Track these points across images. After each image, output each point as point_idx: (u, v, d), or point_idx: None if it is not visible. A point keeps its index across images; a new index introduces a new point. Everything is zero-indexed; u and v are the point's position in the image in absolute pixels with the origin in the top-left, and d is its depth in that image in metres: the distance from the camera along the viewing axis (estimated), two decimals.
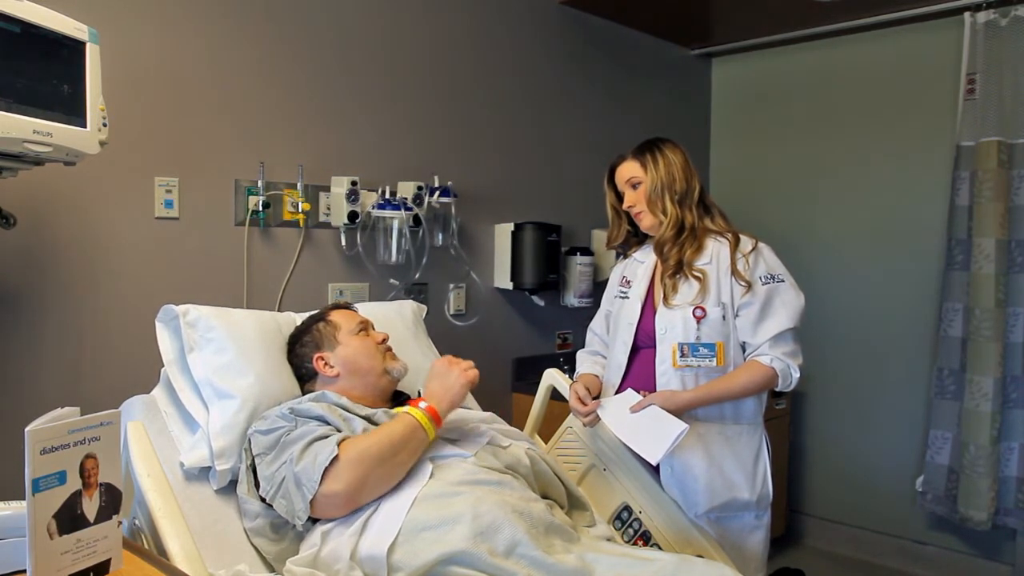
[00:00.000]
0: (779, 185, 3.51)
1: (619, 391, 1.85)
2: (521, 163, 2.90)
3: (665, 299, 1.81)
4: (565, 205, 3.03)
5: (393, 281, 2.47)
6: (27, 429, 0.96)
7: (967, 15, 2.85)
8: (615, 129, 3.21)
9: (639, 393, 1.77)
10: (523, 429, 2.00)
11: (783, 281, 1.79)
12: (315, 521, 1.45)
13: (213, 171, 2.10)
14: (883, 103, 3.21)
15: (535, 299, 2.86)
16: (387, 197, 2.34)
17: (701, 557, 1.58)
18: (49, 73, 1.33)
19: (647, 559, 1.38)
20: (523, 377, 2.85)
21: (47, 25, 1.31)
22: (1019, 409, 2.80)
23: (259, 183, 2.15)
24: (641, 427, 1.70)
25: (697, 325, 1.77)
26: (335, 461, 1.40)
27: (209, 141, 2.09)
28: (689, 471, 1.78)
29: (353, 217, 2.29)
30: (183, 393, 1.62)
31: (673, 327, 1.78)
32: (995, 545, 2.96)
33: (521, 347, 2.92)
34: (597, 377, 1.96)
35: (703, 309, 1.77)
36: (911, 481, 3.07)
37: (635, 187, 1.87)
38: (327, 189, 2.31)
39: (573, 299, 2.95)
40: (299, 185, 2.22)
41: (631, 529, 1.83)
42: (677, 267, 1.81)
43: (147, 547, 1.39)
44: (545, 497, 1.59)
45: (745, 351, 1.80)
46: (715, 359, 1.76)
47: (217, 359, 1.62)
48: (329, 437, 1.45)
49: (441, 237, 2.58)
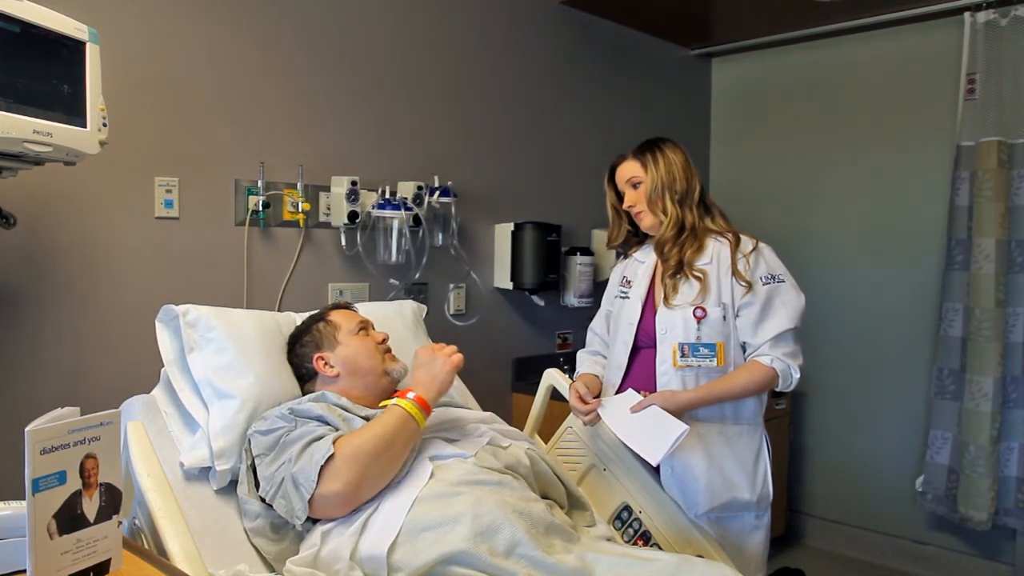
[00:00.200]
0: (779, 185, 3.51)
1: (620, 391, 1.85)
2: (521, 163, 2.90)
3: (666, 299, 1.81)
4: (565, 205, 3.03)
5: (393, 281, 2.47)
6: (27, 429, 0.96)
7: (967, 15, 2.85)
8: (615, 129, 3.21)
9: (640, 393, 1.77)
10: (523, 429, 2.00)
11: (783, 281, 1.79)
12: (315, 521, 1.45)
13: (213, 171, 2.10)
14: (883, 103, 3.21)
15: (535, 299, 2.86)
16: (387, 197, 2.34)
17: (701, 557, 1.58)
18: (49, 73, 1.33)
19: (647, 559, 1.38)
20: (523, 377, 2.85)
21: (47, 25, 1.31)
22: (1019, 409, 2.80)
23: (259, 183, 2.15)
24: (641, 428, 1.70)
25: (697, 325, 1.76)
26: (331, 459, 1.40)
27: (209, 141, 2.09)
28: (689, 471, 1.78)
29: (353, 217, 2.29)
30: (183, 393, 1.62)
31: (673, 327, 1.78)
32: (995, 545, 2.96)
33: (521, 347, 2.92)
34: (597, 377, 1.96)
35: (703, 309, 1.77)
36: (911, 481, 3.07)
37: (635, 187, 1.87)
38: (327, 189, 2.31)
39: (573, 299, 2.96)
40: (299, 185, 2.22)
41: (631, 529, 1.83)
42: (677, 267, 1.81)
43: (147, 547, 1.39)
44: (545, 497, 1.58)
45: (745, 351, 1.80)
46: (715, 359, 1.76)
47: (217, 359, 1.62)
48: (326, 437, 1.45)
49: (441, 237, 2.58)
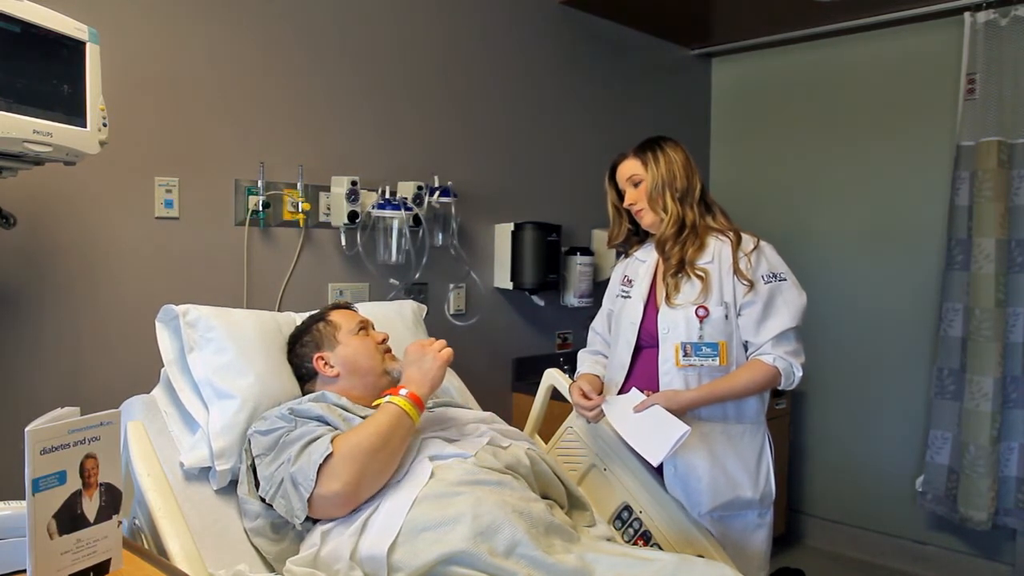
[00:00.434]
0: (779, 185, 3.51)
1: (623, 390, 1.85)
2: (521, 163, 2.90)
3: (667, 298, 1.81)
4: (565, 205, 3.03)
5: (393, 281, 2.47)
6: (27, 429, 0.96)
7: (967, 15, 2.85)
8: (615, 129, 3.21)
9: (643, 393, 1.77)
10: (523, 429, 2.00)
11: (785, 280, 1.79)
12: (315, 521, 1.45)
13: (213, 171, 2.10)
14: (883, 103, 3.21)
15: (535, 299, 2.86)
16: (387, 197, 2.34)
17: (701, 557, 1.58)
18: (49, 73, 1.33)
19: (647, 559, 1.37)
20: (523, 377, 2.85)
21: (47, 25, 1.31)
22: (1019, 409, 2.80)
23: (259, 183, 2.15)
24: (644, 428, 1.70)
25: (700, 324, 1.76)
26: (329, 459, 1.40)
27: (209, 141, 2.09)
28: (693, 471, 1.78)
29: (353, 217, 2.29)
30: (183, 393, 1.62)
31: (676, 327, 1.78)
32: (995, 545, 2.96)
33: (521, 347, 2.92)
34: (598, 377, 1.96)
35: (706, 308, 1.77)
36: (911, 481, 3.07)
37: (636, 185, 1.87)
38: (327, 189, 2.31)
39: (573, 299, 2.95)
40: (299, 185, 2.22)
41: (631, 529, 1.83)
42: (679, 266, 1.81)
43: (147, 547, 1.39)
44: (545, 497, 1.58)
45: (747, 350, 1.80)
46: (718, 358, 1.76)
47: (217, 359, 1.62)
48: (324, 436, 1.45)
49: (441, 237, 2.58)
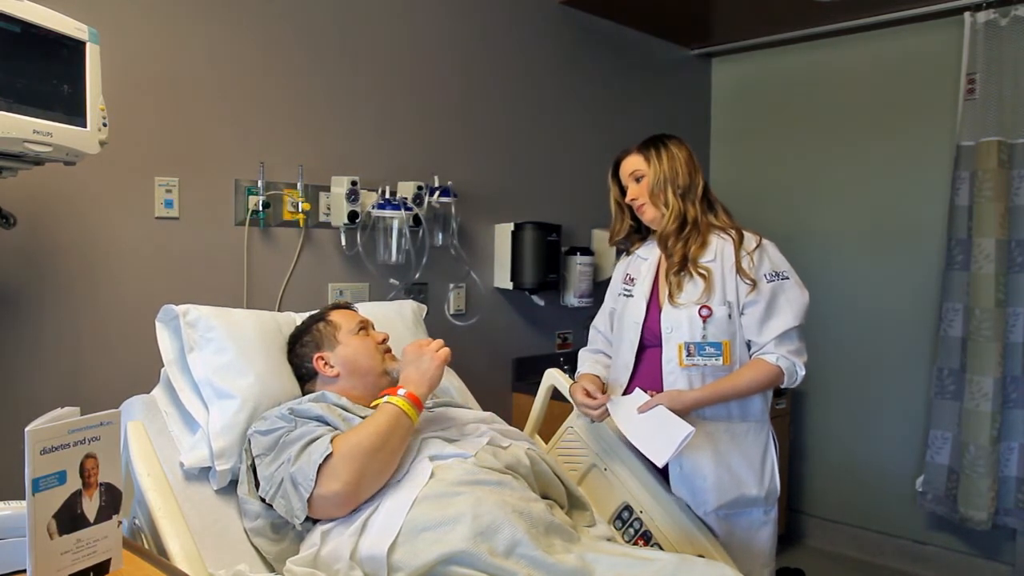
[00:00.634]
0: (779, 185, 3.51)
1: (627, 390, 1.85)
2: (521, 163, 2.90)
3: (670, 296, 1.81)
4: (565, 205, 3.03)
5: (393, 281, 2.47)
6: (27, 429, 0.96)
7: (967, 15, 2.85)
8: (615, 129, 3.21)
9: (646, 393, 1.77)
10: (523, 429, 2.00)
11: (788, 278, 1.80)
12: (315, 521, 1.45)
13: (213, 171, 2.10)
14: (883, 103, 3.21)
15: (535, 299, 2.86)
16: (387, 197, 2.34)
17: (702, 557, 1.58)
18: (49, 73, 1.33)
19: (647, 559, 1.37)
20: (523, 377, 2.85)
21: (47, 25, 1.31)
22: (1019, 409, 2.80)
23: (259, 183, 2.15)
24: (648, 428, 1.71)
25: (703, 324, 1.76)
26: (329, 459, 1.40)
27: (209, 141, 2.09)
28: (698, 470, 1.79)
29: (353, 217, 2.29)
30: (183, 393, 1.62)
31: (679, 326, 1.78)
32: (995, 545, 2.96)
33: (521, 347, 2.92)
34: (598, 377, 1.95)
35: (709, 308, 1.77)
36: (911, 481, 3.07)
37: (638, 180, 1.87)
38: (327, 189, 2.31)
39: (573, 299, 2.95)
40: (299, 185, 2.22)
41: (631, 529, 1.83)
42: (681, 263, 1.81)
43: (147, 547, 1.39)
44: (545, 497, 1.58)
45: (750, 349, 1.80)
46: (721, 358, 1.76)
47: (217, 359, 1.62)
48: (324, 436, 1.45)
49: (441, 237, 2.58)
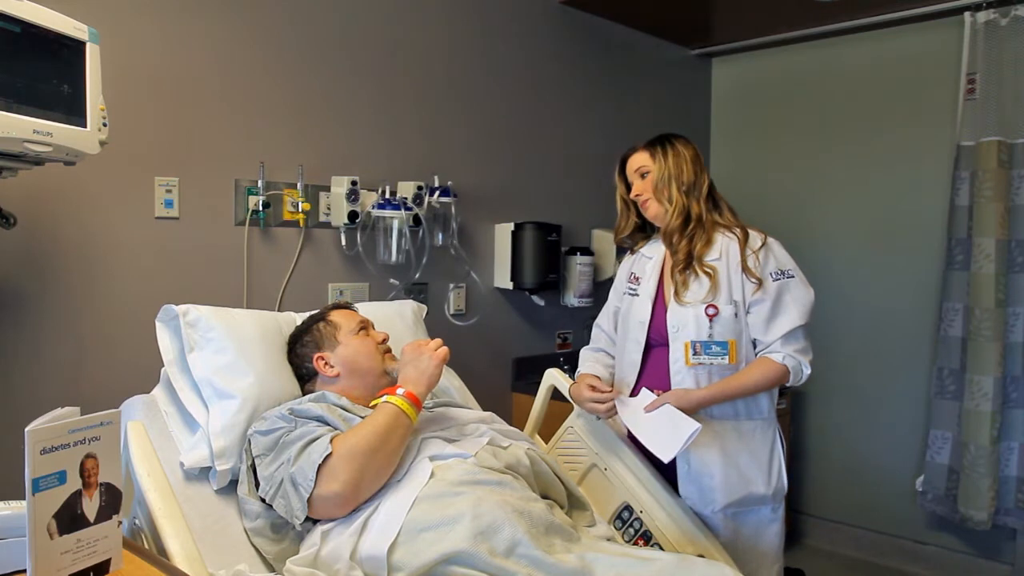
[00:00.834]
0: (779, 185, 3.51)
1: (635, 389, 1.85)
2: (521, 163, 2.90)
3: (676, 294, 1.82)
4: (565, 205, 3.03)
5: (393, 281, 2.47)
6: (27, 429, 0.96)
7: (967, 15, 2.85)
8: (615, 129, 3.21)
9: (653, 392, 1.78)
10: (523, 429, 2.00)
11: (793, 277, 1.80)
12: (315, 521, 1.45)
13: (213, 171, 2.10)
14: (883, 103, 3.21)
15: (535, 299, 2.86)
16: (387, 197, 2.34)
17: (702, 557, 1.58)
18: (49, 73, 1.33)
19: (647, 559, 1.37)
20: (523, 377, 2.85)
21: (47, 25, 1.31)
22: (1019, 409, 2.80)
23: (259, 183, 2.15)
24: (655, 426, 1.71)
25: (709, 323, 1.77)
26: (328, 459, 1.40)
27: (209, 141, 2.09)
28: (705, 468, 1.79)
29: (353, 217, 2.29)
30: (183, 393, 1.62)
31: (685, 325, 1.79)
32: (995, 545, 2.96)
33: (521, 347, 2.92)
34: (598, 378, 1.95)
35: (715, 307, 1.77)
36: (911, 481, 3.07)
37: (643, 176, 1.88)
38: (327, 189, 2.31)
39: (573, 299, 2.95)
40: (299, 185, 2.22)
41: (632, 529, 1.83)
42: (687, 261, 1.81)
43: (147, 547, 1.39)
44: (545, 497, 1.58)
45: (756, 347, 1.81)
46: (727, 357, 1.77)
47: (217, 359, 1.62)
48: (323, 436, 1.45)
49: (441, 237, 2.58)
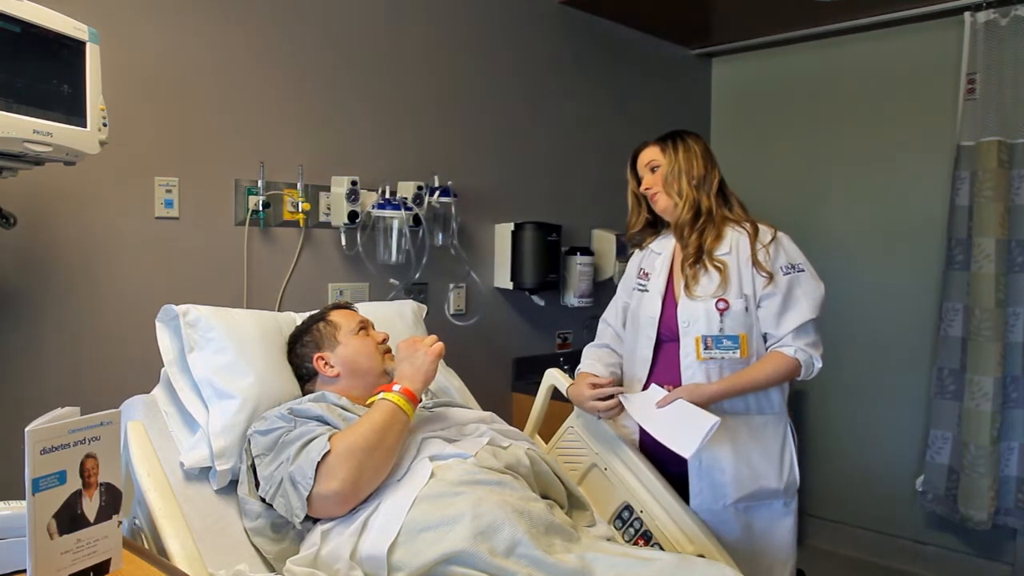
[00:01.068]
0: (778, 185, 3.51)
1: (646, 386, 1.85)
2: (521, 163, 2.90)
3: (686, 289, 1.82)
4: (565, 205, 3.03)
5: (393, 281, 2.47)
6: (27, 429, 0.96)
7: (967, 15, 2.85)
8: (615, 129, 3.21)
9: (663, 388, 1.78)
10: (523, 429, 2.00)
11: (803, 271, 1.81)
12: (315, 520, 1.45)
13: (213, 171, 2.10)
14: (883, 103, 3.21)
15: (535, 299, 2.86)
16: (387, 197, 2.34)
17: (702, 557, 1.58)
18: (49, 73, 1.33)
19: (647, 559, 1.37)
20: (523, 377, 2.85)
21: (47, 25, 1.31)
22: (1019, 409, 2.80)
23: (259, 183, 2.15)
24: (671, 422, 1.71)
25: (720, 317, 1.77)
26: (327, 457, 1.40)
27: (209, 141, 2.09)
28: (717, 463, 1.80)
29: (353, 217, 2.29)
30: (183, 393, 1.62)
31: (696, 320, 1.79)
32: (995, 545, 2.96)
33: (521, 347, 2.92)
34: (597, 377, 1.96)
35: (726, 301, 1.77)
36: (911, 481, 3.07)
37: (653, 171, 1.89)
38: (327, 189, 2.31)
39: (573, 299, 2.95)
40: (299, 185, 2.22)
41: (632, 529, 1.83)
42: (697, 255, 1.82)
43: (147, 547, 1.39)
44: (545, 497, 1.58)
45: (767, 341, 1.81)
46: (739, 351, 1.77)
47: (217, 359, 1.62)
48: (322, 435, 1.45)
49: (441, 237, 2.58)
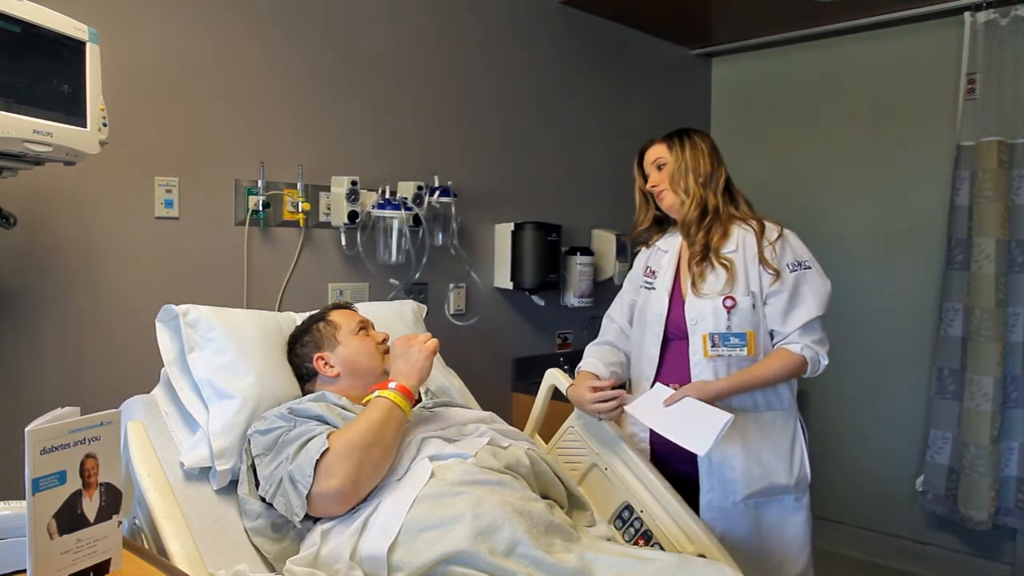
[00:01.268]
0: (778, 185, 3.50)
1: (653, 384, 1.86)
2: (521, 163, 2.90)
3: (693, 286, 1.82)
4: (565, 205, 3.03)
5: (393, 281, 2.47)
6: (27, 429, 0.96)
7: (967, 15, 2.85)
8: (615, 129, 3.21)
9: (669, 387, 1.78)
10: (523, 429, 2.00)
11: (810, 268, 1.82)
12: (315, 520, 1.45)
13: (213, 171, 2.10)
14: (883, 103, 3.21)
15: (535, 299, 2.86)
16: (387, 197, 2.34)
17: (702, 557, 1.58)
18: (49, 73, 1.33)
19: (647, 559, 1.37)
20: (523, 377, 2.85)
21: (47, 25, 1.31)
22: (1019, 409, 2.80)
23: (259, 183, 2.15)
24: (682, 420, 1.70)
25: (728, 315, 1.78)
26: (326, 455, 1.40)
27: (209, 141, 2.09)
28: (727, 460, 1.80)
29: (353, 217, 2.29)
30: (183, 393, 1.62)
31: (704, 317, 1.80)
32: (995, 545, 2.96)
33: (521, 347, 2.92)
34: (597, 377, 1.96)
35: (733, 299, 1.78)
36: (911, 481, 3.07)
37: (660, 168, 1.90)
38: (327, 189, 2.31)
39: (573, 299, 2.95)
40: (299, 185, 2.22)
41: (632, 529, 1.83)
42: (703, 253, 1.82)
43: (147, 547, 1.39)
44: (545, 497, 1.58)
45: (773, 338, 1.82)
46: (746, 348, 1.78)
47: (217, 359, 1.62)
48: (321, 434, 1.45)
49: (441, 237, 2.58)
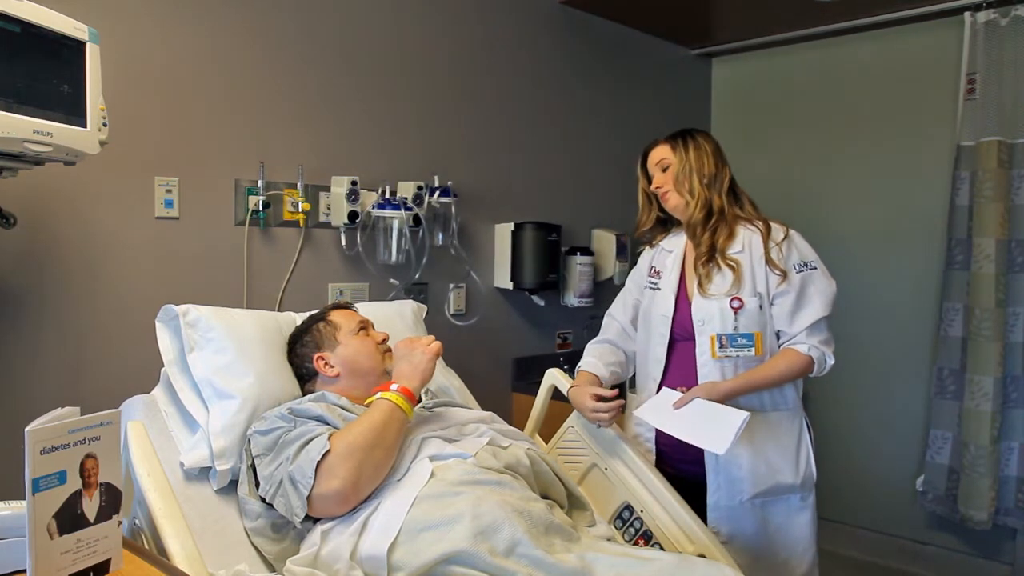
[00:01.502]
0: (778, 185, 3.50)
1: (659, 386, 1.86)
2: (521, 163, 2.90)
3: (700, 287, 1.83)
4: (565, 205, 3.03)
5: (393, 281, 2.47)
6: (27, 429, 0.96)
7: (967, 15, 2.85)
8: (615, 129, 3.21)
9: (677, 389, 1.78)
10: (523, 429, 2.00)
11: (816, 268, 1.83)
12: (315, 520, 1.45)
13: (213, 171, 2.10)
14: (883, 103, 3.21)
15: (535, 299, 2.86)
16: (387, 197, 2.34)
17: (702, 557, 1.58)
18: (49, 73, 1.33)
19: (647, 559, 1.37)
20: (523, 377, 2.85)
21: (47, 25, 1.31)
22: (1019, 409, 2.80)
23: (259, 183, 2.15)
24: (697, 422, 1.71)
25: (735, 315, 1.78)
26: (327, 456, 1.40)
27: (209, 141, 2.09)
28: (734, 459, 1.81)
29: (353, 217, 2.29)
30: (183, 393, 1.62)
31: (711, 318, 1.80)
32: (995, 545, 2.96)
33: (521, 347, 2.92)
34: (597, 377, 1.96)
35: (740, 300, 1.78)
36: (911, 481, 3.07)
37: (664, 169, 1.90)
38: (327, 189, 2.31)
39: (573, 299, 2.96)
40: (299, 185, 2.22)
41: (632, 529, 1.83)
42: (709, 254, 1.83)
43: (147, 547, 1.39)
44: (545, 497, 1.58)
45: (780, 339, 1.82)
46: (753, 349, 1.78)
47: (217, 359, 1.62)
48: (322, 435, 1.45)
49: (441, 237, 2.58)
